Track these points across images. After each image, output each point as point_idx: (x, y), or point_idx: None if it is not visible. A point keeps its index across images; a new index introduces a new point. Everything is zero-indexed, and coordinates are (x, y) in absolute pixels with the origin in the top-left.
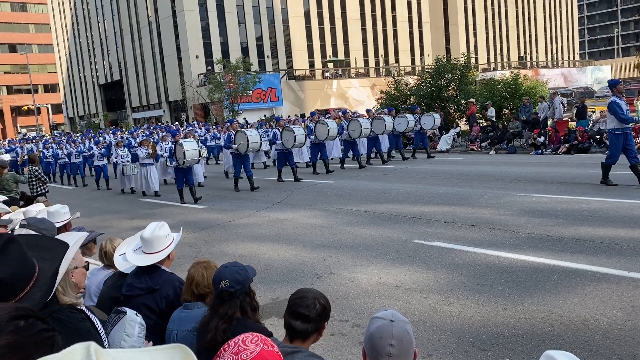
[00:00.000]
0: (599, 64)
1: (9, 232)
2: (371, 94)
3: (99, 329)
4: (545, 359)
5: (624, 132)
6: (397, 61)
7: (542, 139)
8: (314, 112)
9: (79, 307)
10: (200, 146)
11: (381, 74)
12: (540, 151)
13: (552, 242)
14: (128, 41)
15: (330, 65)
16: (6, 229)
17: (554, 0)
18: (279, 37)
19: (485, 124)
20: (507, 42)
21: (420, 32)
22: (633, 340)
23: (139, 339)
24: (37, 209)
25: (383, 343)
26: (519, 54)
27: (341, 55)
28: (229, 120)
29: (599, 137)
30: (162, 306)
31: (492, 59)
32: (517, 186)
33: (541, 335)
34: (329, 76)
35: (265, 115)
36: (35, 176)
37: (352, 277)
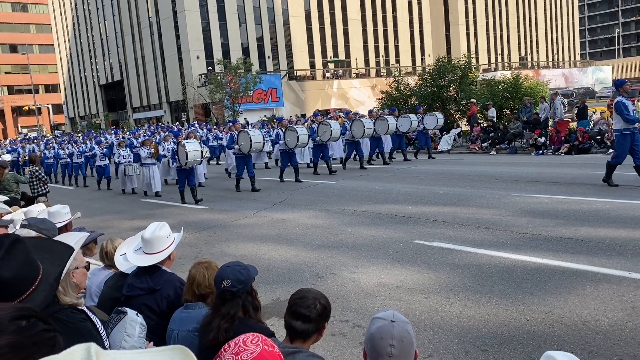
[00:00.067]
0: (599, 65)
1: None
2: (372, 95)
3: (99, 329)
4: None
5: (630, 132)
6: (397, 61)
7: (542, 139)
8: (317, 112)
9: (79, 308)
10: (203, 146)
11: (382, 74)
12: (541, 151)
13: (553, 242)
14: (129, 41)
15: (331, 65)
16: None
17: (555, 1)
18: (280, 37)
19: (486, 124)
20: (508, 42)
21: (421, 33)
22: (634, 340)
23: (140, 340)
24: (38, 209)
25: (384, 343)
26: (519, 54)
27: (342, 56)
28: (232, 121)
29: (599, 137)
30: (163, 306)
31: (492, 60)
32: (518, 186)
33: (542, 335)
34: (329, 76)
35: (265, 116)
36: (36, 176)
37: (352, 278)
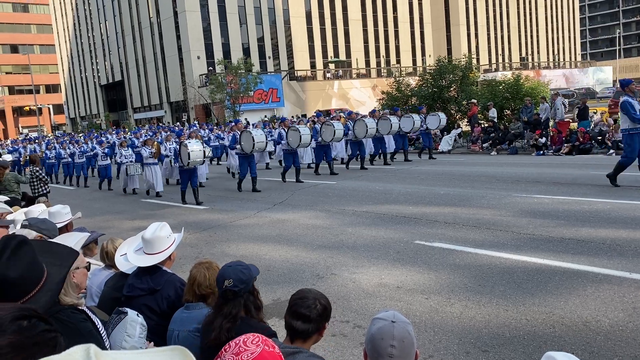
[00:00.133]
0: (600, 65)
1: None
2: (372, 95)
3: (100, 329)
4: None
5: (638, 132)
6: (398, 62)
7: (543, 139)
8: (319, 113)
9: (80, 308)
10: (205, 146)
11: (382, 74)
12: (541, 152)
13: (553, 243)
14: (129, 42)
15: (332, 65)
16: (8, 229)
17: (556, 1)
18: (281, 37)
19: (486, 124)
20: (509, 42)
21: (422, 33)
22: (635, 341)
23: (140, 340)
24: (38, 210)
25: (384, 344)
26: (520, 54)
27: (342, 56)
28: (234, 121)
29: (600, 138)
30: (164, 307)
31: (493, 60)
32: (519, 187)
33: (542, 336)
34: (330, 77)
35: (266, 116)
36: (37, 177)
37: (353, 278)
